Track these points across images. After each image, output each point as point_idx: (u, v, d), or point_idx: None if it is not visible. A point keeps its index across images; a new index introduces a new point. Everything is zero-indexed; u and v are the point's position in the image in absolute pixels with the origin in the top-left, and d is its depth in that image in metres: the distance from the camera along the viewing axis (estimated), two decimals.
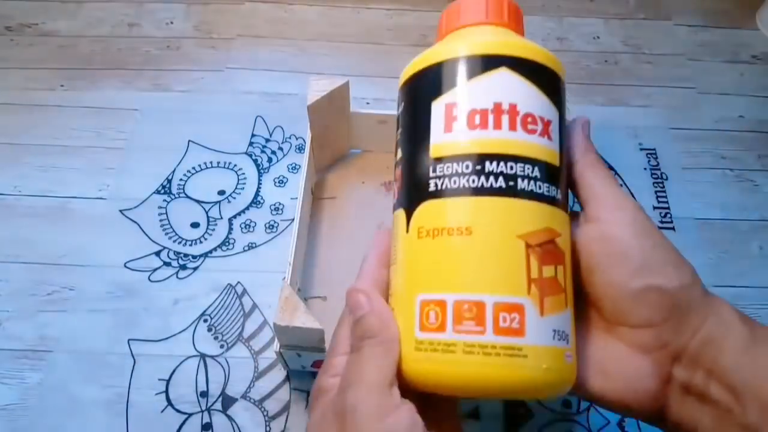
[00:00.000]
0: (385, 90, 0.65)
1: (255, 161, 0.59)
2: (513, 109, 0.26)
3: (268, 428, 0.45)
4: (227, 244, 0.54)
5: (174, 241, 0.54)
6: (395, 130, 0.31)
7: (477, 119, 0.26)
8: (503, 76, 0.27)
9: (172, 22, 0.71)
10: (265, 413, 0.46)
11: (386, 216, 0.55)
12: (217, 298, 0.51)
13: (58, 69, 0.66)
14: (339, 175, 0.58)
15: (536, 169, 0.26)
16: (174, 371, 0.48)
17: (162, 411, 0.46)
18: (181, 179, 0.58)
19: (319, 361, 0.43)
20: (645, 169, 0.60)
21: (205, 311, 0.50)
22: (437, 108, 0.27)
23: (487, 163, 0.26)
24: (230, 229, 0.55)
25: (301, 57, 0.68)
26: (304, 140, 0.61)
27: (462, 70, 0.27)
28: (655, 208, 0.57)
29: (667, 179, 0.59)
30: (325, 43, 0.70)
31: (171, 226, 0.55)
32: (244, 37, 0.70)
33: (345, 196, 0.57)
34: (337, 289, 0.51)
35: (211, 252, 0.54)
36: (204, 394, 0.47)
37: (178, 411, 0.46)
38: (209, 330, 0.50)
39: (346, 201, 0.56)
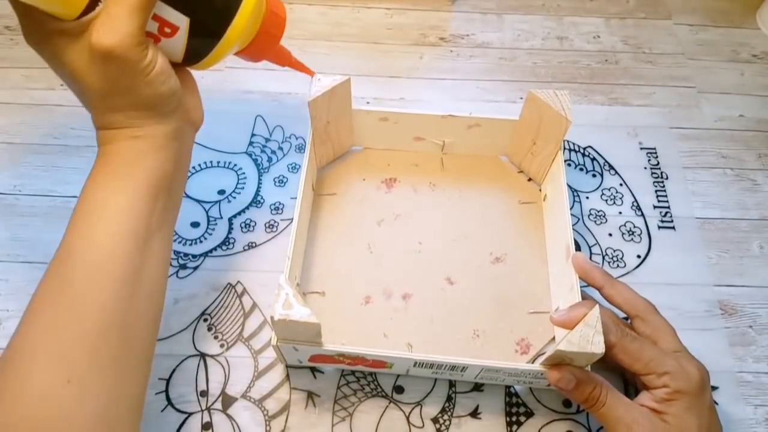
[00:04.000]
0: (384, 89, 0.65)
1: (255, 161, 0.59)
2: None
3: (268, 427, 0.45)
4: (227, 243, 0.54)
5: (174, 241, 0.54)
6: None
7: None
8: None
9: None
10: (265, 412, 0.46)
11: (387, 213, 0.56)
12: (217, 298, 0.51)
13: None
14: (340, 171, 0.58)
15: None
16: (174, 370, 0.48)
17: (162, 410, 0.46)
18: None
19: (316, 355, 0.44)
20: (645, 168, 0.60)
21: (205, 310, 0.50)
22: None
23: None
24: (230, 228, 0.55)
25: (301, 57, 0.68)
26: (304, 140, 0.61)
27: None
28: (655, 207, 0.57)
29: (667, 178, 0.59)
30: (325, 43, 0.69)
31: None
32: None
33: (345, 193, 0.57)
34: (336, 285, 0.51)
35: (211, 251, 0.54)
36: (204, 394, 0.47)
37: (178, 410, 0.46)
38: (209, 329, 0.50)
39: (346, 197, 0.56)
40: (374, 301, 0.51)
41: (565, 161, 0.51)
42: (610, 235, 0.55)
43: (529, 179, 0.57)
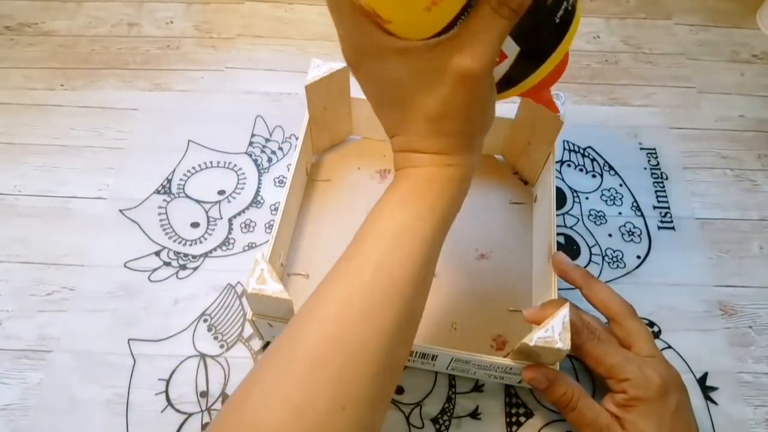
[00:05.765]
0: None
1: (255, 161, 0.59)
2: None
3: None
4: (227, 243, 0.54)
5: (174, 241, 0.54)
6: None
7: None
8: None
9: (171, 22, 0.71)
10: None
11: None
12: (217, 298, 0.51)
13: (58, 69, 0.66)
14: (336, 158, 0.59)
15: None
16: (174, 371, 0.48)
17: (162, 411, 0.46)
18: (181, 179, 0.58)
19: None
20: (645, 168, 0.60)
21: (205, 311, 0.50)
22: None
23: None
24: (230, 228, 0.55)
25: (301, 57, 0.68)
26: None
27: None
28: (655, 207, 0.57)
29: (667, 179, 0.59)
30: (326, 42, 0.69)
31: (171, 226, 0.55)
32: (244, 36, 0.70)
33: (339, 180, 0.57)
34: (320, 269, 0.52)
35: (211, 252, 0.53)
36: (204, 394, 0.47)
37: (178, 411, 0.46)
38: (209, 330, 0.50)
39: (339, 185, 0.57)
40: None
41: (565, 162, 0.51)
42: (610, 235, 0.55)
43: (526, 183, 0.57)
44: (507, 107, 0.54)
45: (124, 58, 0.67)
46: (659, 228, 0.56)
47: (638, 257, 0.54)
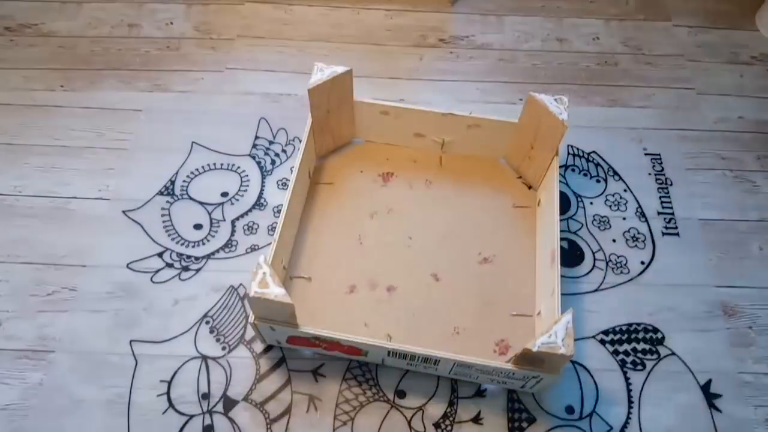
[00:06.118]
0: (384, 90, 0.65)
1: (258, 163, 0.59)
2: None
3: (269, 430, 0.45)
4: (230, 245, 0.54)
5: (177, 243, 0.54)
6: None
7: None
8: None
9: (172, 23, 0.70)
10: (266, 415, 0.46)
11: (380, 206, 0.56)
12: (219, 300, 0.51)
13: (58, 69, 0.66)
14: (339, 162, 0.59)
15: None
16: (176, 372, 0.48)
17: (163, 412, 0.46)
18: (184, 180, 0.58)
19: (293, 337, 0.44)
20: (650, 174, 0.60)
21: (207, 313, 0.50)
22: None
23: None
24: (233, 231, 0.55)
25: (301, 57, 0.68)
26: None
27: None
28: (659, 213, 0.57)
29: (671, 184, 0.59)
30: (325, 44, 0.69)
31: (174, 228, 0.55)
32: (244, 37, 0.70)
33: (342, 183, 0.57)
34: (323, 272, 0.52)
35: (213, 254, 0.53)
36: (206, 396, 0.47)
37: (179, 413, 0.46)
38: (211, 331, 0.50)
39: (342, 188, 0.57)
40: (359, 290, 0.51)
41: (569, 166, 0.51)
42: (614, 241, 0.55)
43: (529, 187, 0.57)
44: (508, 109, 0.54)
45: (125, 59, 0.67)
46: (663, 234, 0.56)
47: (642, 263, 0.54)
